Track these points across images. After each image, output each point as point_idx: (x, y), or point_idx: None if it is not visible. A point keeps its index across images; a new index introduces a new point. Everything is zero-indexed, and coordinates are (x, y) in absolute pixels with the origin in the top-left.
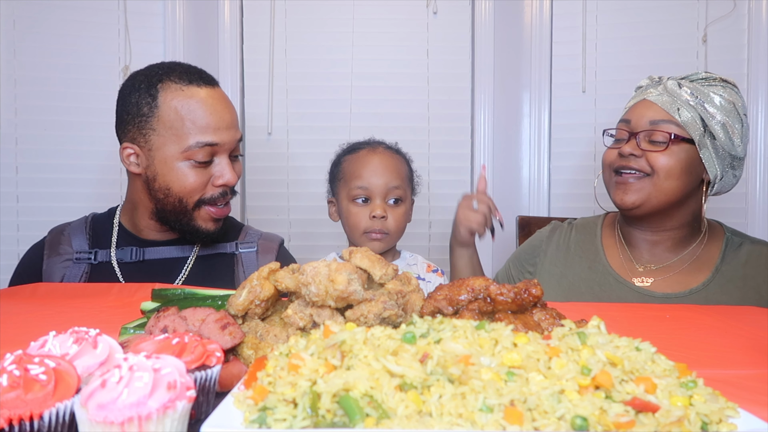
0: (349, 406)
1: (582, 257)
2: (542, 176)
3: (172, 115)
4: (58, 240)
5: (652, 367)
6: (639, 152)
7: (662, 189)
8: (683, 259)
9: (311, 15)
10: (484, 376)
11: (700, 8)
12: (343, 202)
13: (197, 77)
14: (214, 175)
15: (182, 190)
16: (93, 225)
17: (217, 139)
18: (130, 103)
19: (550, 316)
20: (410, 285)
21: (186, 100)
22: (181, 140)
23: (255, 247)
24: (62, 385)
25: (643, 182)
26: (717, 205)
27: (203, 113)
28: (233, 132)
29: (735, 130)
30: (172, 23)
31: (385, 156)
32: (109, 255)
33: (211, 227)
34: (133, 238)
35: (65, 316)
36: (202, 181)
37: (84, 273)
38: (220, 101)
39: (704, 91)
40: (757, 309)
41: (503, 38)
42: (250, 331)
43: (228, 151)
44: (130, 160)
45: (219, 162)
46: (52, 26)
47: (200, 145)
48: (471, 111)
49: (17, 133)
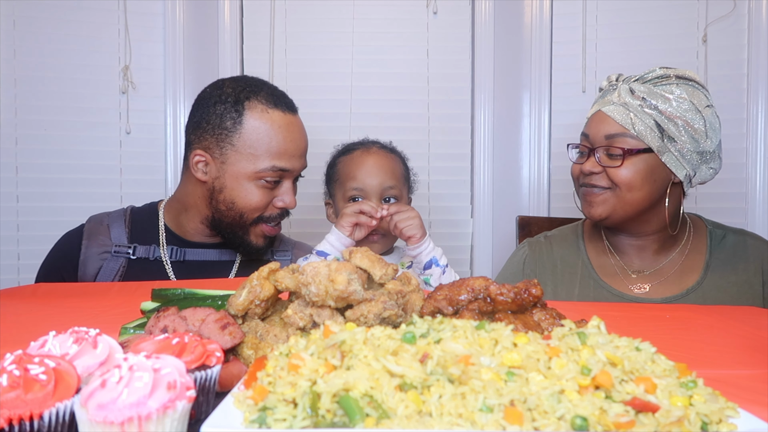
0: (349, 406)
1: (571, 274)
2: (542, 176)
3: (254, 135)
4: (98, 230)
5: (652, 367)
6: (599, 169)
7: (627, 201)
8: (674, 260)
9: (311, 15)
10: (484, 376)
11: (700, 8)
12: (340, 203)
13: (282, 102)
14: (276, 197)
15: (246, 207)
16: (133, 218)
17: (289, 165)
18: (214, 113)
19: (550, 316)
20: (410, 285)
21: (269, 123)
22: (256, 161)
23: (290, 255)
24: (62, 385)
25: (606, 195)
26: (718, 205)
27: (282, 139)
28: (303, 160)
29: (697, 127)
30: (172, 23)
31: (379, 156)
32: (149, 251)
33: (261, 243)
34: (174, 237)
35: (65, 316)
36: (266, 201)
37: (121, 267)
38: (298, 130)
39: (658, 92)
40: (757, 309)
41: (503, 38)
42: (250, 331)
43: (293, 177)
44: (198, 167)
45: (284, 186)
46: (52, 26)
47: (274, 169)
48: (471, 111)
49: (17, 133)
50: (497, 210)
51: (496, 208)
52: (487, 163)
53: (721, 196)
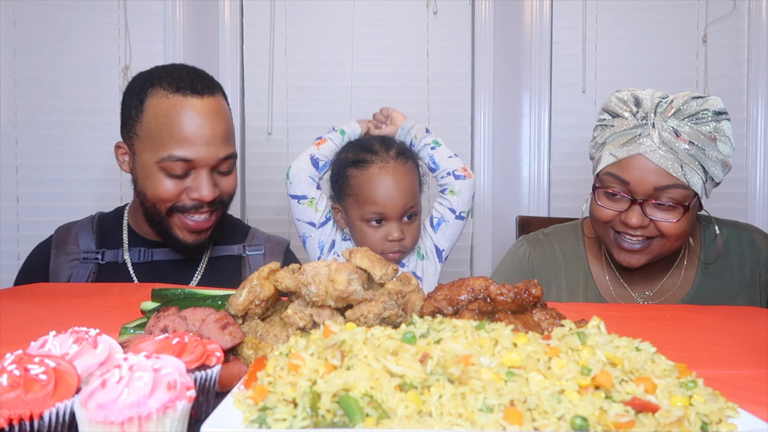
0: (349, 406)
1: (575, 283)
2: (542, 176)
3: (153, 123)
4: (65, 239)
5: (652, 367)
6: (647, 222)
7: (673, 247)
8: (674, 274)
9: (311, 15)
10: (484, 376)
11: (700, 8)
12: (356, 221)
13: (188, 85)
14: (189, 188)
15: (154, 197)
16: (100, 224)
17: (193, 155)
18: (123, 103)
19: (550, 316)
20: (410, 285)
21: (168, 109)
22: (157, 150)
23: (262, 249)
24: (62, 385)
25: (651, 244)
26: (718, 205)
27: (182, 126)
28: (215, 149)
29: (729, 159)
30: (172, 23)
31: (397, 173)
32: (116, 255)
33: (189, 238)
34: (141, 239)
35: (65, 316)
36: (175, 191)
37: (91, 273)
38: (205, 115)
39: (702, 133)
40: (757, 309)
41: (503, 38)
42: (250, 331)
43: (209, 167)
44: (123, 158)
45: (196, 176)
46: (52, 26)
47: (173, 159)
48: (471, 111)
49: (17, 133)
50: (497, 210)
51: (496, 208)
52: (487, 163)
53: (721, 196)
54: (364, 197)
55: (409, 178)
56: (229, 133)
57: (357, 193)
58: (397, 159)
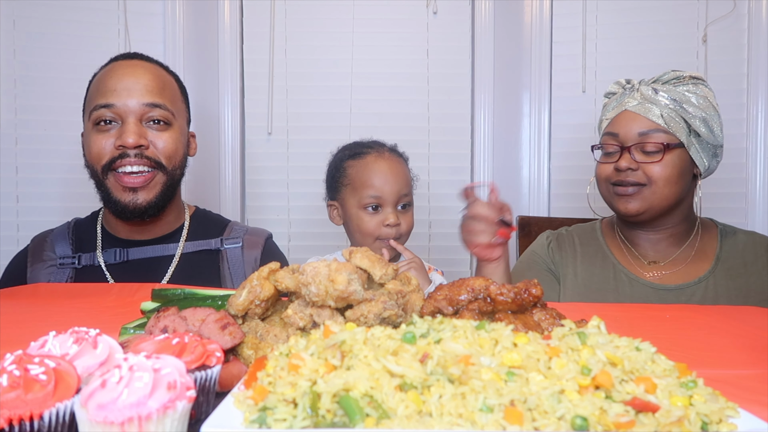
0: (349, 406)
1: (592, 258)
2: (542, 176)
3: (90, 88)
4: (42, 247)
5: (652, 367)
6: (635, 165)
7: (663, 195)
8: (686, 252)
9: (311, 15)
10: (484, 376)
11: (700, 8)
12: (352, 209)
13: (122, 56)
14: (115, 137)
15: (91, 158)
16: (76, 230)
17: (113, 100)
18: None
19: (550, 316)
20: (410, 285)
21: (101, 73)
22: (88, 108)
23: (240, 242)
24: (62, 385)
25: (643, 192)
26: (717, 205)
27: (106, 78)
28: (138, 95)
29: (714, 122)
30: (172, 23)
31: (392, 162)
32: (92, 258)
33: (125, 197)
34: (116, 240)
35: (65, 316)
36: (105, 146)
37: (69, 278)
38: (128, 67)
39: (678, 91)
40: (757, 309)
41: (503, 38)
42: (250, 331)
43: (136, 116)
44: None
45: (122, 126)
46: (52, 26)
47: (98, 108)
48: (471, 111)
49: (17, 133)
50: None
51: None
52: (487, 163)
53: (721, 196)
54: (362, 183)
55: (403, 168)
56: (159, 87)
57: (354, 181)
58: (391, 152)
